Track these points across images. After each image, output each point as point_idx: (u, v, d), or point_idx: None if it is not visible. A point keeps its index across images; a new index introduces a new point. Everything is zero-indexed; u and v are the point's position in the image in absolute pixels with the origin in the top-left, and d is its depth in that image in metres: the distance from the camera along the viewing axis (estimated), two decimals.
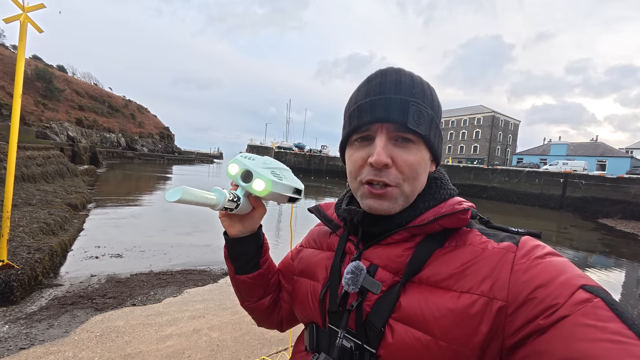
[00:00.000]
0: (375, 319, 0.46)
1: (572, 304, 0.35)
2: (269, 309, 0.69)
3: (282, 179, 0.58)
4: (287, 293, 0.71)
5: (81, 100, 49.69)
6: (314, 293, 0.57)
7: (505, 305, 0.40)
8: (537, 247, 0.43)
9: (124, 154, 43.01)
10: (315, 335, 0.55)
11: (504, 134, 53.08)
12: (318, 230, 0.68)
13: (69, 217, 6.46)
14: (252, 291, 0.66)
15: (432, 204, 0.51)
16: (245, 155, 0.61)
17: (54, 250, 4.32)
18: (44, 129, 32.23)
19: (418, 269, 0.47)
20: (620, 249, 10.45)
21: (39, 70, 41.45)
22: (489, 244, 0.46)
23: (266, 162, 0.60)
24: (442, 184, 0.54)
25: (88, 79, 66.29)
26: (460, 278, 0.44)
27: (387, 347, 0.45)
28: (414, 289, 0.46)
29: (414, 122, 0.47)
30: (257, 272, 0.64)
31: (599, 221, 17.11)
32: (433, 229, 0.48)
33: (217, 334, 2.76)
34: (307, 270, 0.62)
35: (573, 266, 0.40)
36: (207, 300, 3.51)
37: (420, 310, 0.44)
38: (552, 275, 0.38)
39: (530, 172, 23.99)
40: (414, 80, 0.50)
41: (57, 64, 59.20)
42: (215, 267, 4.93)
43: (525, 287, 0.39)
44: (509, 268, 0.42)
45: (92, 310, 3.07)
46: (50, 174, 10.44)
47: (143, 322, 2.88)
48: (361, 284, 0.48)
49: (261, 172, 0.56)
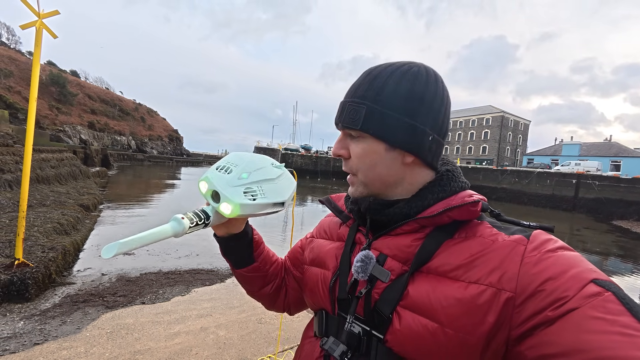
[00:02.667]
0: (384, 306, 0.48)
1: (582, 297, 0.35)
2: (272, 296, 0.73)
3: (257, 196, 0.54)
4: (294, 279, 0.74)
5: (93, 104, 50.91)
6: (324, 281, 0.59)
7: (514, 297, 0.40)
8: (549, 241, 0.43)
9: (134, 156, 43.85)
10: (325, 321, 0.57)
11: (513, 134, 52.19)
12: (329, 221, 0.70)
13: (81, 217, 6.62)
14: (252, 282, 0.70)
15: (441, 195, 0.52)
16: (223, 166, 0.57)
17: (67, 250, 4.43)
18: (58, 132, 33.14)
19: (427, 259, 0.48)
20: (637, 252, 10.14)
21: (53, 76, 42.71)
22: (500, 236, 0.46)
23: (244, 174, 0.55)
24: (453, 177, 0.54)
25: (100, 84, 67.99)
26: (469, 269, 0.44)
27: (394, 333, 0.46)
28: (422, 279, 0.47)
29: (348, 120, 0.52)
30: (252, 265, 0.67)
31: (614, 223, 16.65)
32: (442, 221, 0.49)
33: (224, 332, 2.79)
34: (318, 260, 0.63)
35: (585, 260, 0.40)
36: (214, 299, 3.55)
37: (428, 299, 0.45)
38: (562, 269, 0.38)
39: (542, 173, 23.52)
40: (365, 79, 0.53)
41: (70, 69, 60.96)
42: (222, 267, 4.98)
43: (534, 279, 0.39)
44: (518, 260, 0.42)
45: (103, 308, 3.14)
46: (63, 176, 10.72)
47: (152, 320, 2.93)
48: (370, 272, 0.49)
49: (229, 193, 0.52)
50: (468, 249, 0.46)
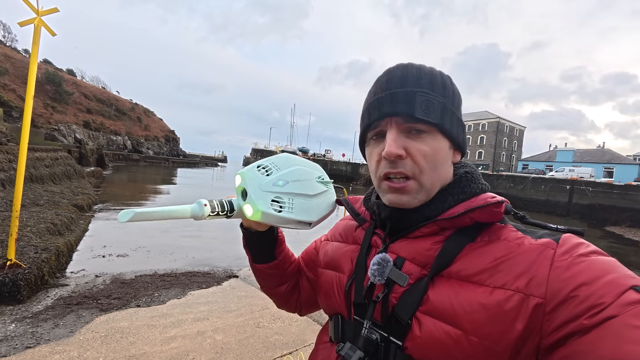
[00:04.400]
0: (402, 312, 0.45)
1: (621, 305, 0.33)
2: (286, 295, 0.72)
3: (284, 209, 0.52)
4: (307, 280, 0.72)
5: (89, 104, 50.47)
6: (339, 284, 0.57)
7: (543, 303, 0.38)
8: (581, 245, 0.41)
9: (130, 157, 43.47)
10: (341, 326, 0.55)
11: (509, 139, 52.77)
12: (344, 225, 0.68)
13: (75, 217, 6.52)
14: (269, 279, 0.69)
15: (462, 197, 0.50)
16: (265, 166, 0.55)
17: (60, 250, 4.35)
18: (53, 131, 32.75)
19: (447, 263, 0.45)
20: (630, 258, 10.26)
21: (49, 74, 42.29)
22: (526, 239, 0.44)
23: (280, 181, 0.53)
24: (473, 178, 0.52)
25: (96, 83, 67.50)
26: (493, 273, 0.42)
27: (413, 340, 0.44)
28: (443, 283, 0.45)
29: (422, 112, 0.46)
30: (272, 262, 0.66)
31: (607, 229, 16.86)
32: (464, 223, 0.47)
33: (222, 337, 2.74)
34: (333, 263, 0.62)
35: (622, 266, 0.38)
36: (211, 303, 3.50)
37: (450, 304, 0.42)
38: (597, 274, 0.36)
39: (536, 179, 23.78)
40: (421, 71, 0.50)
41: (66, 68, 60.46)
42: (219, 270, 4.92)
43: (566, 284, 0.37)
44: (548, 264, 0.40)
45: (97, 311, 3.08)
46: (57, 175, 10.58)
47: (147, 324, 2.87)
48: (387, 275, 0.47)
49: (257, 197, 0.51)
50: (492, 253, 0.44)
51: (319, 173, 0.63)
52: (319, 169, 0.64)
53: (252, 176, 0.53)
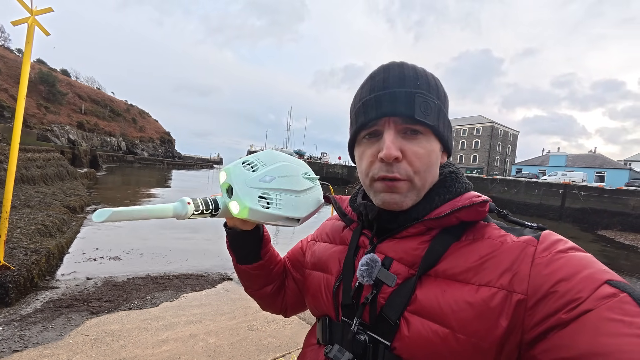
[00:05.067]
0: (390, 312, 0.46)
1: (597, 298, 0.34)
2: (271, 296, 0.70)
3: (272, 205, 0.51)
4: (293, 281, 0.71)
5: (83, 104, 50.02)
6: (327, 286, 0.57)
7: (525, 299, 0.39)
8: (560, 242, 0.42)
9: (124, 158, 43.05)
10: (329, 328, 0.54)
11: (503, 144, 53.40)
12: (331, 225, 0.68)
13: (67, 219, 6.43)
14: (254, 280, 0.67)
15: (447, 197, 0.50)
16: (251, 162, 0.54)
17: (51, 252, 4.28)
18: (45, 131, 32.35)
19: (434, 262, 0.46)
20: (620, 262, 10.40)
21: (42, 74, 41.84)
22: (508, 237, 0.45)
23: (269, 177, 0.52)
24: (457, 178, 0.53)
25: (91, 83, 66.90)
26: (478, 271, 0.43)
27: (402, 340, 0.44)
28: (430, 282, 0.45)
29: (421, 113, 0.46)
30: (257, 263, 0.65)
31: (598, 233, 17.09)
32: (450, 222, 0.48)
33: (214, 340, 2.72)
34: (320, 264, 0.61)
35: (597, 261, 0.39)
36: (204, 305, 3.47)
37: (438, 303, 0.43)
38: (575, 269, 0.37)
39: (530, 183, 24.06)
40: (417, 72, 0.50)
41: (60, 68, 59.87)
42: (212, 272, 4.88)
43: (546, 280, 0.38)
44: (529, 261, 0.41)
45: (87, 314, 3.03)
46: (49, 176, 10.43)
47: (139, 327, 2.84)
48: (376, 276, 0.48)
49: (243, 193, 0.49)
50: (477, 251, 0.44)
51: (304, 169, 0.61)
52: (304, 166, 0.62)
53: (238, 172, 0.51)
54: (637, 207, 18.24)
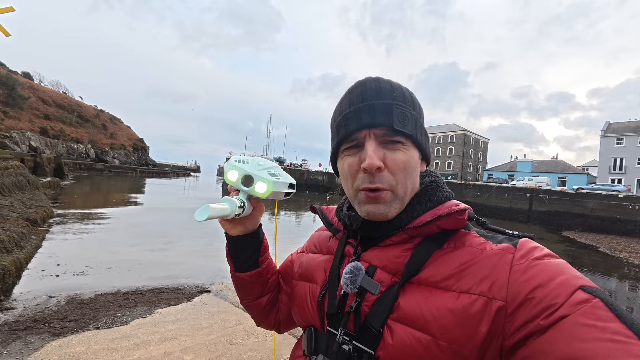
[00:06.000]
0: (374, 320, 0.46)
1: (572, 304, 0.35)
2: (266, 309, 0.70)
3: (279, 177, 0.61)
4: (285, 295, 0.71)
5: (47, 109, 46.96)
6: (312, 296, 0.57)
7: (505, 305, 0.40)
8: (536, 249, 0.44)
9: (93, 166, 40.69)
10: (314, 338, 0.54)
11: (475, 151, 56.05)
12: (318, 235, 0.69)
13: (27, 233, 5.94)
14: (251, 289, 0.67)
15: (429, 205, 0.52)
16: (239, 159, 0.62)
17: (7, 270, 3.93)
18: (3, 138, 29.90)
19: (417, 270, 0.47)
20: (583, 260, 11.13)
21: (0, 77, 38.91)
22: (488, 245, 0.46)
23: (260, 163, 0.62)
24: (438, 187, 0.54)
25: (57, 87, 62.91)
26: (459, 278, 0.44)
27: (385, 348, 0.44)
28: (413, 290, 0.46)
29: (399, 123, 0.48)
30: (255, 270, 0.65)
31: (562, 234, 18.21)
32: (431, 230, 0.49)
33: (191, 357, 2.58)
34: (307, 274, 0.62)
35: (571, 267, 0.41)
36: (180, 321, 3.30)
37: (420, 311, 0.43)
38: (550, 276, 0.39)
39: (500, 188, 25.34)
40: (392, 86, 0.52)
41: (22, 71, 55.94)
42: (189, 285, 4.67)
43: (524, 287, 0.39)
44: (507, 268, 0.42)
45: (48, 336, 2.79)
46: (7, 186, 9.62)
47: (107, 347, 2.64)
48: (360, 284, 0.48)
49: (260, 174, 0.59)
50: (457, 259, 0.45)
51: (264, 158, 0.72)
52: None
53: (244, 165, 0.61)
54: (595, 209, 19.72)
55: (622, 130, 35.19)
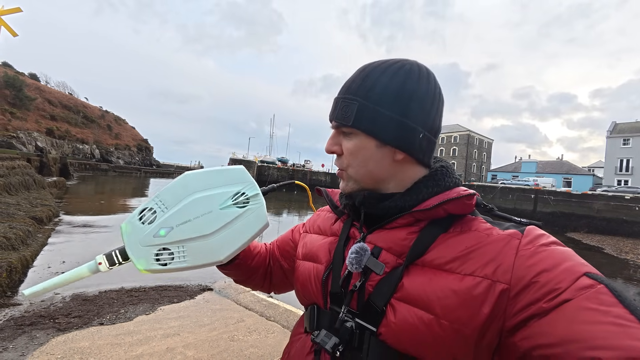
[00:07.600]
0: (377, 299, 0.47)
1: (576, 289, 0.36)
2: (258, 281, 0.75)
3: (174, 260, 0.48)
4: (280, 269, 0.75)
5: (53, 110, 47.53)
6: (316, 275, 0.58)
7: (508, 288, 0.40)
8: (542, 236, 0.45)
9: (98, 166, 41.08)
10: (317, 316, 0.55)
11: (479, 151, 55.73)
12: (323, 217, 0.70)
13: (33, 231, 6.02)
14: (234, 276, 0.72)
15: (436, 190, 0.52)
16: (150, 208, 0.50)
17: (13, 266, 3.99)
18: (10, 138, 30.33)
19: (422, 252, 0.47)
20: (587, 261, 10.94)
21: (8, 78, 39.49)
22: (494, 230, 0.47)
23: (162, 231, 0.47)
24: (447, 172, 0.55)
25: (63, 88, 63.66)
26: (464, 261, 0.44)
27: (388, 326, 0.45)
28: (417, 271, 0.47)
29: (341, 117, 0.53)
30: (232, 264, 0.68)
31: (567, 235, 18.03)
32: (438, 214, 0.49)
33: (193, 352, 2.61)
34: (311, 254, 0.63)
35: (577, 255, 0.42)
36: (182, 318, 3.33)
37: (424, 291, 0.44)
38: (556, 262, 0.40)
39: (504, 188, 25.17)
40: (368, 77, 0.52)
41: (29, 72, 56.74)
42: (192, 283, 4.71)
43: (528, 271, 0.40)
44: (513, 253, 0.43)
45: (53, 331, 2.82)
46: (13, 186, 9.75)
47: (111, 342, 2.68)
48: (365, 264, 0.49)
49: (136, 255, 0.48)
50: (463, 242, 0.46)
51: (234, 189, 0.53)
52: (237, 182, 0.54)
53: (130, 231, 0.49)
54: (601, 210, 19.50)
55: (628, 131, 34.77)
